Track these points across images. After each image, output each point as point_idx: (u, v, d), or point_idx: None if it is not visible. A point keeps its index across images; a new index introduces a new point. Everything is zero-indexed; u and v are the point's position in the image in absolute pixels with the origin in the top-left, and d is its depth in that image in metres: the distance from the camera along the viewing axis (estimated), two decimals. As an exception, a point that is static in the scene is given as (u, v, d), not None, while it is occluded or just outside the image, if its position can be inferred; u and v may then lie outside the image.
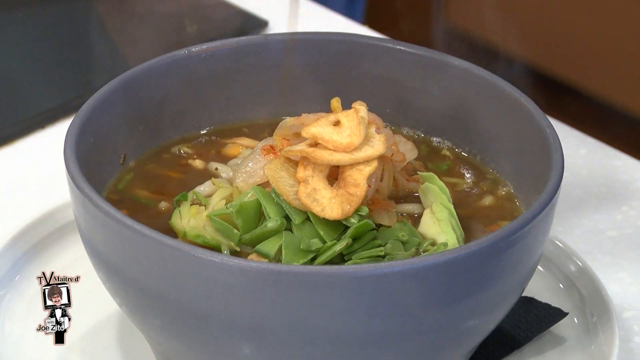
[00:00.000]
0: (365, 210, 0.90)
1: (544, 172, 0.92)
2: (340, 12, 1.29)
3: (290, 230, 0.91)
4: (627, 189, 1.08)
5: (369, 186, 0.90)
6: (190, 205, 0.93)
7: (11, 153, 1.10)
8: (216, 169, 0.97)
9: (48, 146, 1.09)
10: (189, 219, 0.92)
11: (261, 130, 0.99)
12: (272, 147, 0.93)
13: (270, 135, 0.94)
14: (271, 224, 0.90)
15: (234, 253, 0.91)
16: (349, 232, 0.90)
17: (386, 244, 0.90)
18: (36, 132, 1.11)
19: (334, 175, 0.91)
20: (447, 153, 1.00)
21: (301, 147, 0.90)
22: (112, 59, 1.20)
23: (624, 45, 2.49)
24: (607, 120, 2.48)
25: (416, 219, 0.93)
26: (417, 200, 0.94)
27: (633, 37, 2.48)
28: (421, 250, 0.91)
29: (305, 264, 0.89)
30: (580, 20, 2.52)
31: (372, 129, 0.91)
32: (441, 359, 0.93)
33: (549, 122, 0.94)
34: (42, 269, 1.00)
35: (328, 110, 0.93)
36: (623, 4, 2.45)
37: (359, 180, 0.90)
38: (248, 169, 0.93)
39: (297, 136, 0.92)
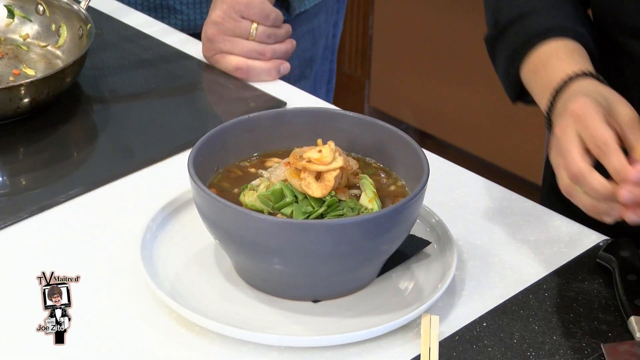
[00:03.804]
0: (333, 193, 0.90)
1: (419, 174, 0.91)
2: (321, 97, 1.28)
3: (297, 202, 0.90)
4: (457, 182, 1.07)
5: (335, 181, 0.90)
6: (249, 190, 0.93)
7: (162, 166, 1.08)
8: (261, 172, 0.96)
9: (180, 162, 1.07)
10: (248, 197, 0.92)
11: (284, 154, 0.97)
12: (289, 162, 0.92)
13: (287, 156, 0.94)
14: (288, 199, 0.90)
15: (270, 214, 0.90)
16: (325, 203, 0.90)
17: (344, 209, 0.90)
18: (174, 156, 1.09)
19: (319, 176, 0.91)
20: (374, 165, 0.98)
21: (302, 162, 0.91)
22: (212, 118, 1.18)
23: (461, 116, 2.49)
24: (447, 150, 2.47)
25: (358, 197, 0.92)
26: (358, 188, 0.94)
27: (466, 113, 2.47)
28: (360, 212, 0.90)
29: (304, 219, 0.89)
30: (438, 102, 2.51)
31: (337, 153, 0.91)
32: (370, 265, 0.92)
33: (422, 151, 0.94)
34: (177, 224, 0.98)
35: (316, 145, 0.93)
36: (467, 97, 2.45)
37: (330, 178, 0.90)
38: (277, 172, 0.93)
39: (301, 157, 0.92)
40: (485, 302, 0.92)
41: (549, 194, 1.14)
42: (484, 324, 0.89)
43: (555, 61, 0.89)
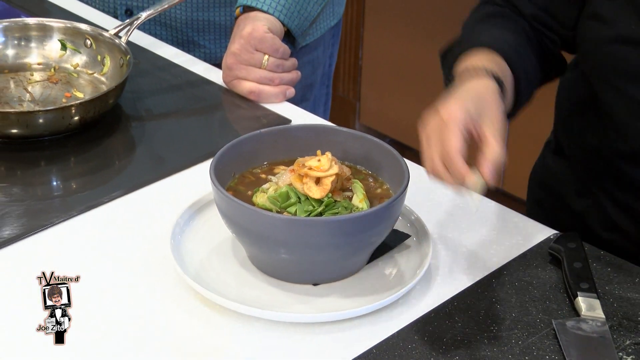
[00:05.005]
0: (330, 195, 0.89)
1: (401, 179, 0.91)
2: (319, 115, 1.28)
3: (300, 202, 0.89)
4: (432, 186, 1.06)
5: (332, 185, 0.90)
6: (260, 192, 0.92)
7: (188, 173, 1.08)
8: (270, 178, 0.95)
9: (203, 170, 1.06)
10: (259, 198, 0.91)
11: (289, 162, 0.96)
12: (293, 169, 0.91)
13: (292, 165, 0.93)
14: (292, 200, 0.89)
15: (277, 212, 0.89)
16: (324, 203, 0.89)
17: (339, 208, 0.89)
18: (198, 164, 1.08)
19: (318, 181, 0.90)
20: (364, 171, 0.98)
21: (304, 169, 0.90)
22: (230, 133, 1.17)
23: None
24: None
25: (350, 198, 0.92)
26: (351, 191, 0.93)
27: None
28: (352, 210, 0.90)
29: (306, 216, 0.88)
30: (416, 119, 2.51)
31: (333, 162, 0.91)
32: (360, 254, 0.91)
33: (404, 160, 0.93)
34: (201, 220, 0.97)
35: (316, 155, 0.92)
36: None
37: (327, 182, 0.89)
38: (283, 177, 0.92)
39: (303, 165, 0.91)
40: (455, 285, 0.92)
41: (532, 207, 1.18)
42: (455, 304, 0.89)
43: (474, 55, 0.96)
